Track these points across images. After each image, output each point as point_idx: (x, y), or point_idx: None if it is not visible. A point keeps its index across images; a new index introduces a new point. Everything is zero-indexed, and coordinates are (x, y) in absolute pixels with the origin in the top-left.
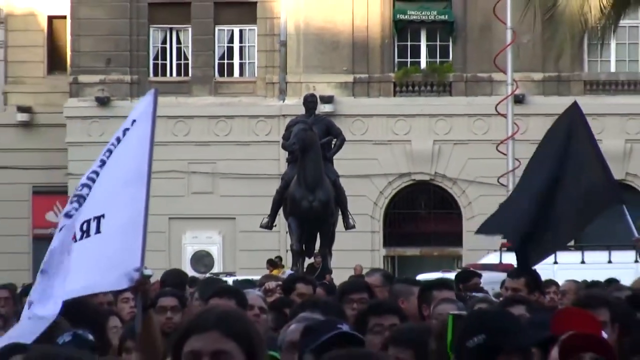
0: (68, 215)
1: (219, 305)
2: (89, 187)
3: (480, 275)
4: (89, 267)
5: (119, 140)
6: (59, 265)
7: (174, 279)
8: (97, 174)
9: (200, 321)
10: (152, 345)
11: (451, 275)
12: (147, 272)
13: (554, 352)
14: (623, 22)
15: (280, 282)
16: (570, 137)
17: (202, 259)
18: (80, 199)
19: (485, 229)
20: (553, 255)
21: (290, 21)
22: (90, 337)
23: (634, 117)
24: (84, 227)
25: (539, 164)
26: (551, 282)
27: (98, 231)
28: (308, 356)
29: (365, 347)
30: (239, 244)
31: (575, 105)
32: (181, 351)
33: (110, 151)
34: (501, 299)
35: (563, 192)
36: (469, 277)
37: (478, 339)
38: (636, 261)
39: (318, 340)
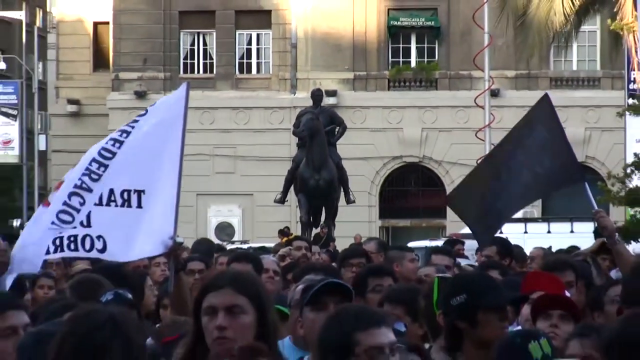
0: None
1: (233, 268)
2: (112, 153)
3: (463, 243)
4: (131, 237)
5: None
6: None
7: (203, 247)
8: (121, 143)
9: (216, 281)
10: (183, 303)
11: (438, 243)
12: (178, 240)
13: (525, 309)
14: (583, 28)
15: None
16: (540, 123)
17: (224, 229)
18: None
19: (451, 203)
20: (523, 225)
21: (300, 27)
22: (129, 295)
23: (592, 108)
24: (125, 196)
25: (508, 144)
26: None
27: (139, 206)
28: (306, 309)
29: (366, 304)
30: (256, 217)
31: (546, 96)
32: (200, 307)
33: (132, 128)
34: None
35: (524, 168)
36: (454, 244)
37: (460, 298)
38: (594, 231)
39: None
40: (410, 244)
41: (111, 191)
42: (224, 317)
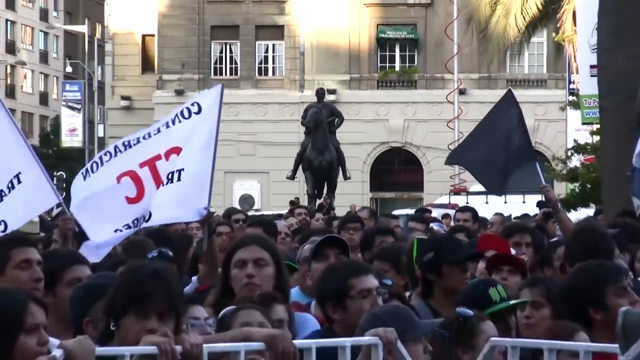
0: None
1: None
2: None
3: (430, 211)
4: (173, 204)
5: (184, 113)
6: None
7: (230, 213)
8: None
9: (244, 239)
10: (213, 259)
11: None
12: (211, 210)
13: (481, 265)
14: (533, 39)
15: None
16: (505, 113)
17: (246, 200)
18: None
19: (451, 160)
20: (485, 197)
21: (307, 39)
22: (171, 253)
23: (540, 104)
24: (169, 177)
25: (484, 127)
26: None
27: (179, 179)
28: (312, 263)
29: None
30: (272, 190)
31: (509, 92)
32: (230, 261)
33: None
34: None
35: (500, 148)
36: (424, 212)
37: (429, 255)
38: (538, 203)
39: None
40: (395, 212)
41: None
42: (253, 267)
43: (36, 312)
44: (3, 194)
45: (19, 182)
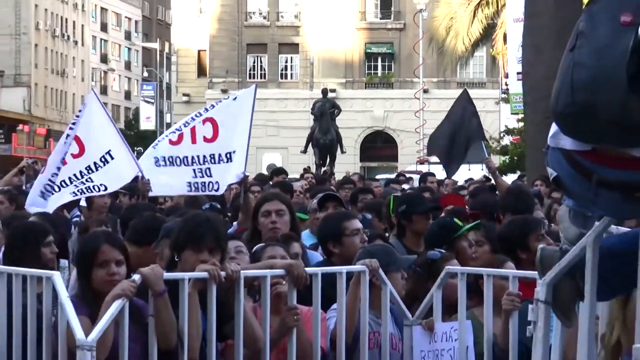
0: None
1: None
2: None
3: (405, 176)
4: (226, 175)
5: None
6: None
7: (261, 178)
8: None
9: (268, 196)
10: (248, 210)
11: (391, 176)
12: (247, 174)
13: (442, 215)
14: (475, 54)
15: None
16: (463, 109)
17: (271, 168)
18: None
19: (429, 151)
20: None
21: (315, 54)
22: (219, 206)
23: (481, 99)
24: (227, 156)
25: (449, 120)
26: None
27: (230, 160)
28: (318, 213)
29: (357, 209)
30: (290, 160)
31: (465, 91)
32: (259, 211)
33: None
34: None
35: (458, 134)
36: (399, 176)
37: (402, 207)
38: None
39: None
40: (377, 177)
41: (220, 154)
42: (275, 216)
43: (107, 250)
44: (98, 166)
45: (112, 157)
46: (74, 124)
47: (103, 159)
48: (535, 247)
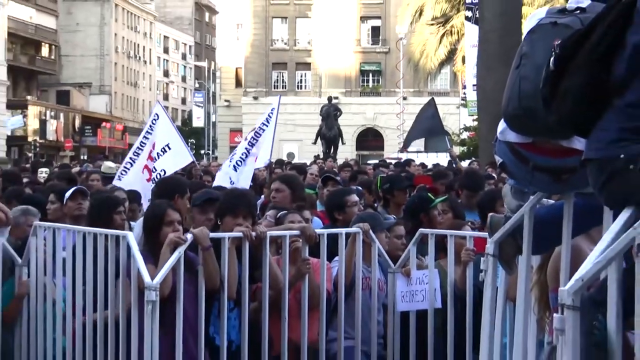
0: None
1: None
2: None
3: (385, 161)
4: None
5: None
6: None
7: (280, 162)
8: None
9: (274, 178)
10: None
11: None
12: (271, 160)
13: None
14: (442, 71)
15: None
16: (430, 109)
17: (290, 155)
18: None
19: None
20: (417, 155)
21: (323, 70)
22: (251, 184)
23: (446, 105)
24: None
25: (418, 120)
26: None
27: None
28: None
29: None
30: (304, 150)
31: (432, 99)
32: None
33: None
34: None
35: (421, 125)
36: (384, 162)
37: (386, 185)
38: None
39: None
40: (369, 162)
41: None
42: (274, 193)
43: (172, 214)
44: (159, 155)
45: (169, 148)
46: (150, 128)
47: (163, 150)
48: (501, 212)
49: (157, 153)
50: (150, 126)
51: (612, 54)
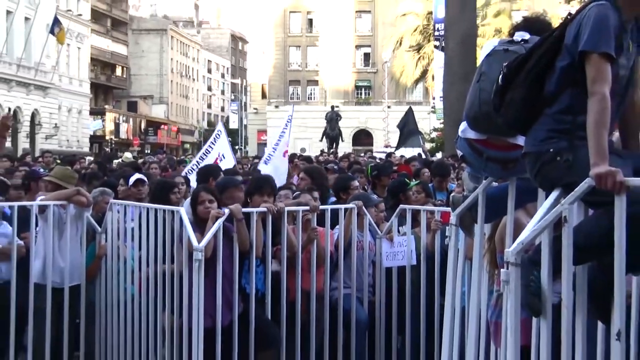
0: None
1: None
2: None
3: (371, 153)
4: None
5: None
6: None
7: (293, 155)
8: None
9: (303, 168)
10: (290, 176)
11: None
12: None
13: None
14: (417, 87)
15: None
16: (408, 117)
17: (302, 150)
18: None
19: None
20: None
21: (327, 87)
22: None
23: (419, 112)
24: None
25: (403, 123)
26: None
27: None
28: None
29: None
30: (312, 146)
31: (410, 108)
32: None
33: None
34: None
35: (404, 130)
36: (371, 156)
37: (375, 172)
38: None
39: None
40: (362, 154)
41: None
42: (301, 180)
43: (203, 195)
44: (207, 152)
45: (223, 157)
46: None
47: (222, 157)
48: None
49: (219, 159)
50: (215, 138)
51: (544, 74)
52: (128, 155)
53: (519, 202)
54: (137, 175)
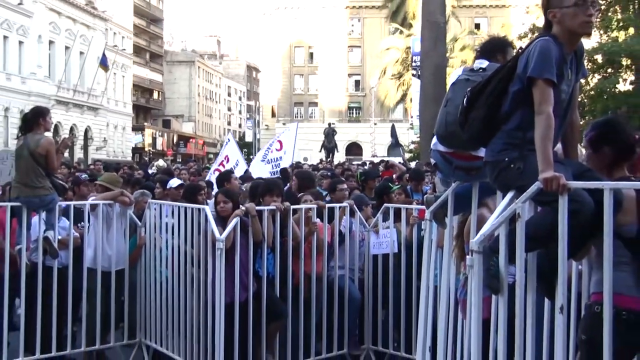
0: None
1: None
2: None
3: (361, 161)
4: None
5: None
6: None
7: (297, 164)
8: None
9: (294, 174)
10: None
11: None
12: (293, 162)
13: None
14: (397, 108)
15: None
16: (392, 133)
17: (305, 159)
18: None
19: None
20: (378, 157)
21: (325, 107)
22: (280, 177)
23: (400, 129)
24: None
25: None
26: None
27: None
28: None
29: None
30: (313, 155)
31: (392, 125)
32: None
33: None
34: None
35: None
36: (362, 162)
37: (363, 177)
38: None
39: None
40: (354, 162)
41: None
42: (294, 183)
43: (220, 197)
44: (224, 162)
45: (237, 164)
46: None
47: (236, 163)
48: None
49: (233, 166)
50: (225, 144)
51: (500, 97)
52: (160, 162)
53: (481, 198)
54: (178, 181)
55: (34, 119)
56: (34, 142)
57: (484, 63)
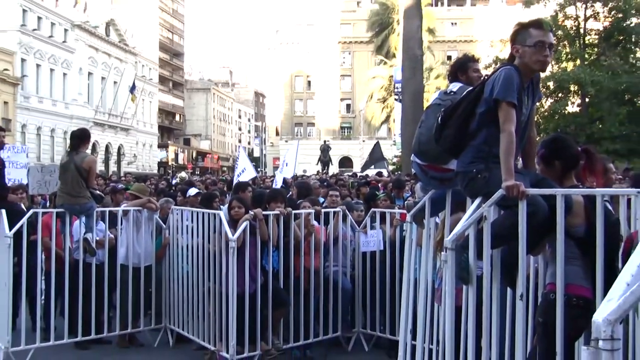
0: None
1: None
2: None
3: (351, 173)
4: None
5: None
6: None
7: (295, 176)
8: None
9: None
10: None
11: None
12: (295, 174)
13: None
14: (382, 126)
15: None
16: (376, 146)
17: (304, 171)
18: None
19: (362, 169)
20: (371, 170)
21: (321, 127)
22: (284, 186)
23: (385, 145)
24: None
25: (371, 155)
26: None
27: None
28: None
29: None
30: (310, 168)
31: (377, 142)
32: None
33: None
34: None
35: (371, 158)
36: (353, 174)
37: (356, 185)
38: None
39: None
40: (345, 174)
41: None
42: (293, 191)
43: (233, 203)
44: (240, 174)
45: (244, 170)
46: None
47: (243, 170)
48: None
49: (239, 173)
50: (237, 155)
51: (469, 117)
52: (183, 174)
53: (453, 202)
54: (195, 190)
55: (81, 139)
56: (80, 159)
57: (455, 86)
